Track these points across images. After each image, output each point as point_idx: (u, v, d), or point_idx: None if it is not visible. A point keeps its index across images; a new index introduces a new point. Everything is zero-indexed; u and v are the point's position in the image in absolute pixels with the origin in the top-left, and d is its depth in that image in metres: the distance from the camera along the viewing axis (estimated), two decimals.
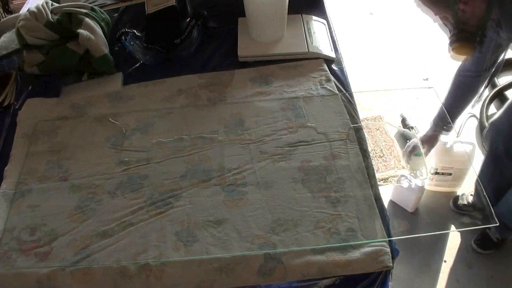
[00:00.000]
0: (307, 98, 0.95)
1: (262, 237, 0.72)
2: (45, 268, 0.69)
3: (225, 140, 0.88)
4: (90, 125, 0.94)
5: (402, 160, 1.75)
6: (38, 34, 1.03)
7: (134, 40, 1.06)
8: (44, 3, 1.06)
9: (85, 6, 1.08)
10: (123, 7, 1.29)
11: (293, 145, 0.86)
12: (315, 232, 0.72)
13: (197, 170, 0.83)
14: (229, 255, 0.69)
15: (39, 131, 0.93)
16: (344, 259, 0.68)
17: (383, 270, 0.68)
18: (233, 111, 0.94)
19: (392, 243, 0.70)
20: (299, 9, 1.18)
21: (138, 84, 1.03)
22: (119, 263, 0.69)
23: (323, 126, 0.89)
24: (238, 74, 1.03)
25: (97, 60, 1.03)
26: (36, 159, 0.87)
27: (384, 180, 1.73)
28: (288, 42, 1.07)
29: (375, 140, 1.91)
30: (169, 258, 0.70)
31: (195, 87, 1.00)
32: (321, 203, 0.76)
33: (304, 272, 0.67)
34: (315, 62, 1.04)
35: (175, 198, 0.78)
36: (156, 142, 0.89)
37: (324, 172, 0.81)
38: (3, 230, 0.75)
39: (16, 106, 1.01)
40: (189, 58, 1.09)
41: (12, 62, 1.15)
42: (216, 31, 1.16)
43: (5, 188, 0.82)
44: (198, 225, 0.74)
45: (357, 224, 0.72)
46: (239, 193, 0.78)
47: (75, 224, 0.76)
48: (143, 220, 0.75)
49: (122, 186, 0.81)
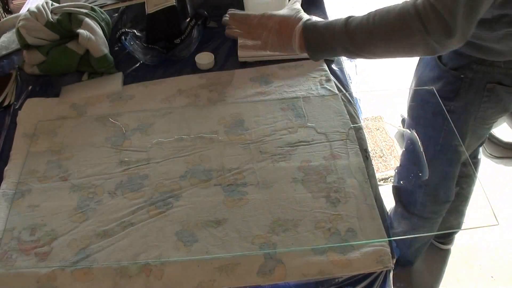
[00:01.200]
0: (307, 98, 0.95)
1: (262, 237, 0.72)
2: (45, 268, 0.69)
3: (225, 140, 0.88)
4: (90, 125, 0.94)
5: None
6: (38, 34, 1.03)
7: (134, 40, 1.06)
8: (44, 3, 1.06)
9: (85, 6, 1.08)
10: (123, 7, 1.29)
11: (293, 145, 0.86)
12: (315, 232, 0.72)
13: (197, 170, 0.83)
14: (229, 255, 0.69)
15: (39, 131, 0.93)
16: (344, 259, 0.68)
17: (383, 270, 0.68)
18: (233, 111, 0.94)
19: (392, 243, 0.71)
20: None
21: (138, 84, 1.03)
22: (119, 263, 0.69)
23: (323, 126, 0.89)
24: (238, 74, 1.03)
25: (97, 60, 1.03)
26: (36, 159, 0.87)
27: (384, 180, 1.73)
28: None
29: (375, 140, 1.92)
30: (169, 258, 0.70)
31: (195, 87, 1.00)
32: (321, 203, 0.76)
33: (304, 272, 0.67)
34: (315, 62, 1.04)
35: (175, 198, 0.78)
36: (156, 142, 0.89)
37: (324, 172, 0.81)
38: (3, 230, 0.75)
39: (16, 106, 1.01)
40: (189, 58, 1.09)
41: (12, 62, 1.15)
42: (216, 31, 1.16)
43: (5, 188, 0.82)
44: (198, 225, 0.74)
45: (357, 224, 0.72)
46: (239, 193, 0.78)
47: (75, 224, 0.76)
48: (143, 220, 0.75)
49: (122, 186, 0.81)
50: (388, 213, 0.77)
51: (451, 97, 0.91)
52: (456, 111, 0.92)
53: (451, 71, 0.89)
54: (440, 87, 0.92)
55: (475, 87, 0.88)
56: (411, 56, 0.72)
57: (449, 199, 1.14)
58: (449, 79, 0.90)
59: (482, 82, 0.86)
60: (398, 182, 1.21)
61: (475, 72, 0.86)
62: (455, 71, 0.88)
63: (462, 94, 0.89)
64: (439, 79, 0.92)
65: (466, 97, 0.90)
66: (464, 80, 0.87)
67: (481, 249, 1.51)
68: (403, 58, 0.73)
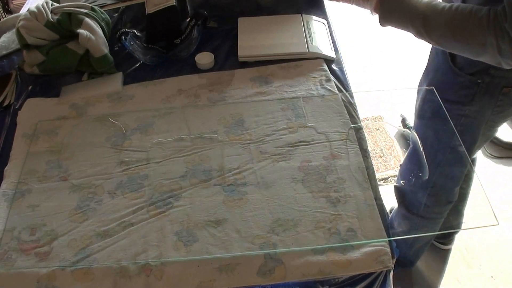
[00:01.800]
0: (307, 98, 0.95)
1: (262, 237, 0.72)
2: (45, 268, 0.69)
3: (225, 140, 0.88)
4: (90, 125, 0.94)
5: (402, 160, 1.75)
6: (38, 34, 1.03)
7: (134, 40, 1.06)
8: (44, 3, 1.06)
9: (85, 6, 1.08)
10: (123, 7, 1.29)
11: (293, 145, 0.86)
12: (315, 232, 0.72)
13: (197, 170, 0.83)
14: (229, 255, 0.69)
15: (39, 131, 0.93)
16: (344, 259, 0.68)
17: (383, 270, 0.68)
18: (233, 111, 0.94)
19: (392, 243, 0.71)
20: (299, 9, 1.18)
21: (138, 84, 1.03)
22: (119, 263, 0.69)
23: (323, 126, 0.89)
24: (238, 74, 1.03)
25: (97, 60, 1.03)
26: (36, 159, 0.87)
27: (384, 180, 1.73)
28: (288, 42, 1.07)
29: (375, 140, 1.92)
30: (169, 258, 0.70)
31: (195, 87, 1.00)
32: (321, 203, 0.76)
33: (304, 272, 0.67)
34: (315, 62, 1.04)
35: (175, 198, 0.78)
36: (156, 142, 0.89)
37: (324, 172, 0.81)
38: (3, 230, 0.75)
39: (16, 106, 1.01)
40: (189, 58, 1.09)
41: (12, 62, 1.15)
42: (216, 31, 1.16)
43: (5, 188, 0.82)
44: (198, 225, 0.74)
45: (357, 224, 0.72)
46: (239, 193, 0.78)
47: (75, 224, 0.76)
48: (143, 220, 0.75)
49: (122, 186, 0.81)
50: (388, 214, 0.77)
51: (466, 101, 0.90)
52: (471, 115, 0.92)
53: (468, 76, 0.87)
54: (454, 91, 0.91)
55: (491, 92, 0.87)
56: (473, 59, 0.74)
57: (453, 200, 1.14)
58: (464, 84, 0.88)
59: (498, 87, 0.85)
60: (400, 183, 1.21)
61: (492, 76, 0.84)
62: (472, 76, 0.86)
63: (477, 98, 0.88)
64: (454, 84, 0.90)
65: (481, 102, 0.89)
66: (481, 85, 0.86)
67: (481, 249, 1.51)
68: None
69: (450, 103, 0.92)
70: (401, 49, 2.32)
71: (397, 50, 2.32)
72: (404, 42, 2.34)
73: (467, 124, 0.92)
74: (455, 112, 0.92)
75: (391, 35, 2.40)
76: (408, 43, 2.32)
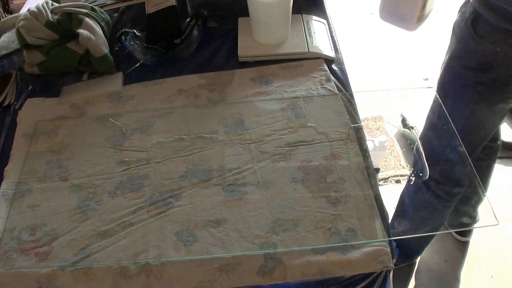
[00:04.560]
0: (307, 98, 0.95)
1: (262, 237, 0.72)
2: (45, 268, 0.69)
3: (225, 140, 0.88)
4: (90, 125, 0.94)
5: (402, 160, 1.75)
6: (38, 34, 1.03)
7: (134, 40, 1.06)
8: (44, 3, 1.06)
9: (85, 6, 1.08)
10: (123, 7, 1.29)
11: (293, 145, 0.86)
12: (315, 232, 0.72)
13: (197, 170, 0.83)
14: (229, 255, 0.69)
15: (39, 131, 0.93)
16: (344, 259, 0.68)
17: (383, 270, 0.68)
18: (233, 111, 0.94)
19: (392, 243, 0.71)
20: (299, 9, 1.18)
21: (138, 84, 1.03)
22: (119, 263, 0.69)
23: (323, 126, 0.89)
24: (238, 74, 1.03)
25: (97, 60, 1.03)
26: (36, 159, 0.87)
27: (384, 180, 1.73)
28: (288, 42, 1.07)
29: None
30: (169, 258, 0.70)
31: (195, 87, 1.00)
32: (321, 203, 0.76)
33: (304, 272, 0.67)
34: (315, 62, 1.04)
35: (175, 198, 0.78)
36: (156, 142, 0.89)
37: (324, 172, 0.81)
38: (3, 230, 0.75)
39: (16, 106, 1.01)
40: (189, 58, 1.09)
41: (12, 62, 1.15)
42: (216, 31, 1.16)
43: (5, 188, 0.82)
44: (198, 225, 0.74)
45: (357, 224, 0.72)
46: (239, 193, 0.78)
47: (75, 224, 0.76)
48: (143, 220, 0.75)
49: (122, 186, 0.81)
50: (388, 214, 0.77)
51: (485, 69, 0.94)
52: (488, 82, 0.96)
53: (488, 44, 0.91)
54: (474, 59, 0.96)
55: (508, 60, 0.91)
56: None
57: (462, 183, 1.16)
58: (485, 52, 0.93)
59: None
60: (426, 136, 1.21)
61: (511, 46, 0.88)
62: (492, 45, 0.91)
63: (495, 67, 0.93)
64: (475, 52, 0.96)
65: (499, 70, 0.93)
66: (499, 54, 0.90)
67: (481, 249, 1.51)
68: None
69: (470, 70, 0.98)
70: (401, 49, 2.32)
71: (397, 50, 2.32)
72: (404, 42, 2.34)
73: (483, 92, 0.96)
74: (473, 80, 0.98)
75: (391, 35, 2.40)
76: (408, 43, 2.32)
